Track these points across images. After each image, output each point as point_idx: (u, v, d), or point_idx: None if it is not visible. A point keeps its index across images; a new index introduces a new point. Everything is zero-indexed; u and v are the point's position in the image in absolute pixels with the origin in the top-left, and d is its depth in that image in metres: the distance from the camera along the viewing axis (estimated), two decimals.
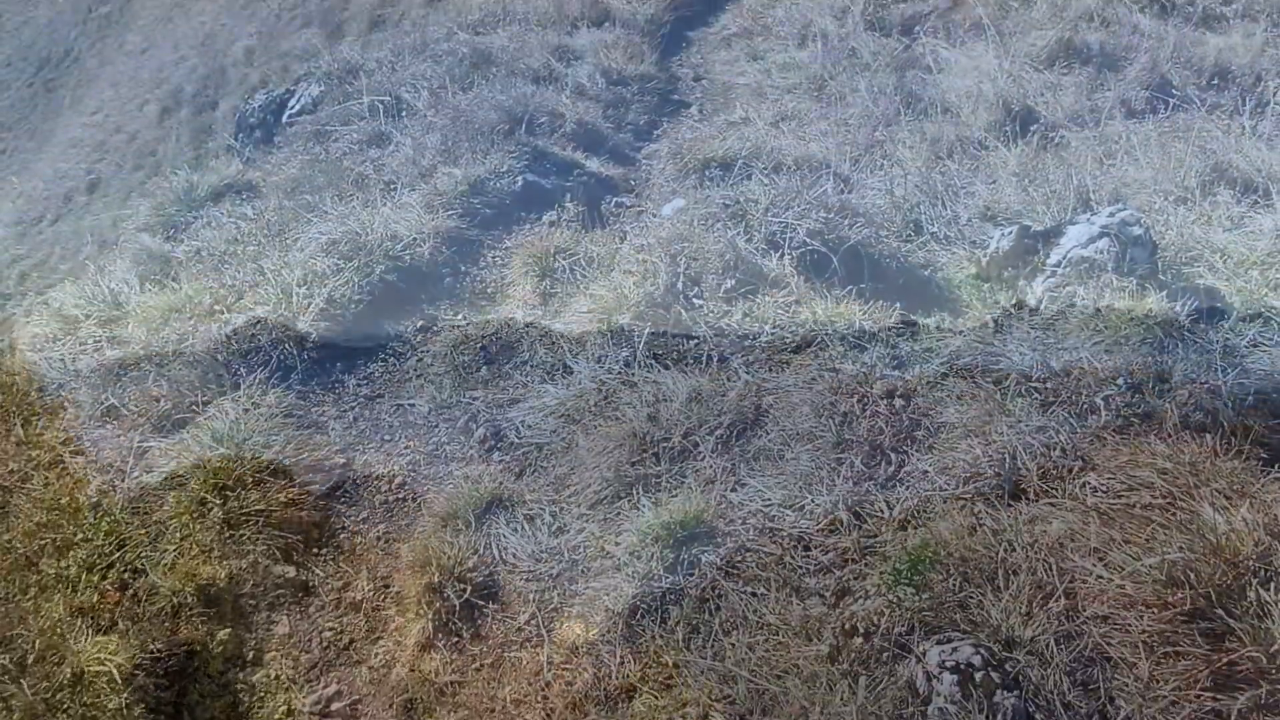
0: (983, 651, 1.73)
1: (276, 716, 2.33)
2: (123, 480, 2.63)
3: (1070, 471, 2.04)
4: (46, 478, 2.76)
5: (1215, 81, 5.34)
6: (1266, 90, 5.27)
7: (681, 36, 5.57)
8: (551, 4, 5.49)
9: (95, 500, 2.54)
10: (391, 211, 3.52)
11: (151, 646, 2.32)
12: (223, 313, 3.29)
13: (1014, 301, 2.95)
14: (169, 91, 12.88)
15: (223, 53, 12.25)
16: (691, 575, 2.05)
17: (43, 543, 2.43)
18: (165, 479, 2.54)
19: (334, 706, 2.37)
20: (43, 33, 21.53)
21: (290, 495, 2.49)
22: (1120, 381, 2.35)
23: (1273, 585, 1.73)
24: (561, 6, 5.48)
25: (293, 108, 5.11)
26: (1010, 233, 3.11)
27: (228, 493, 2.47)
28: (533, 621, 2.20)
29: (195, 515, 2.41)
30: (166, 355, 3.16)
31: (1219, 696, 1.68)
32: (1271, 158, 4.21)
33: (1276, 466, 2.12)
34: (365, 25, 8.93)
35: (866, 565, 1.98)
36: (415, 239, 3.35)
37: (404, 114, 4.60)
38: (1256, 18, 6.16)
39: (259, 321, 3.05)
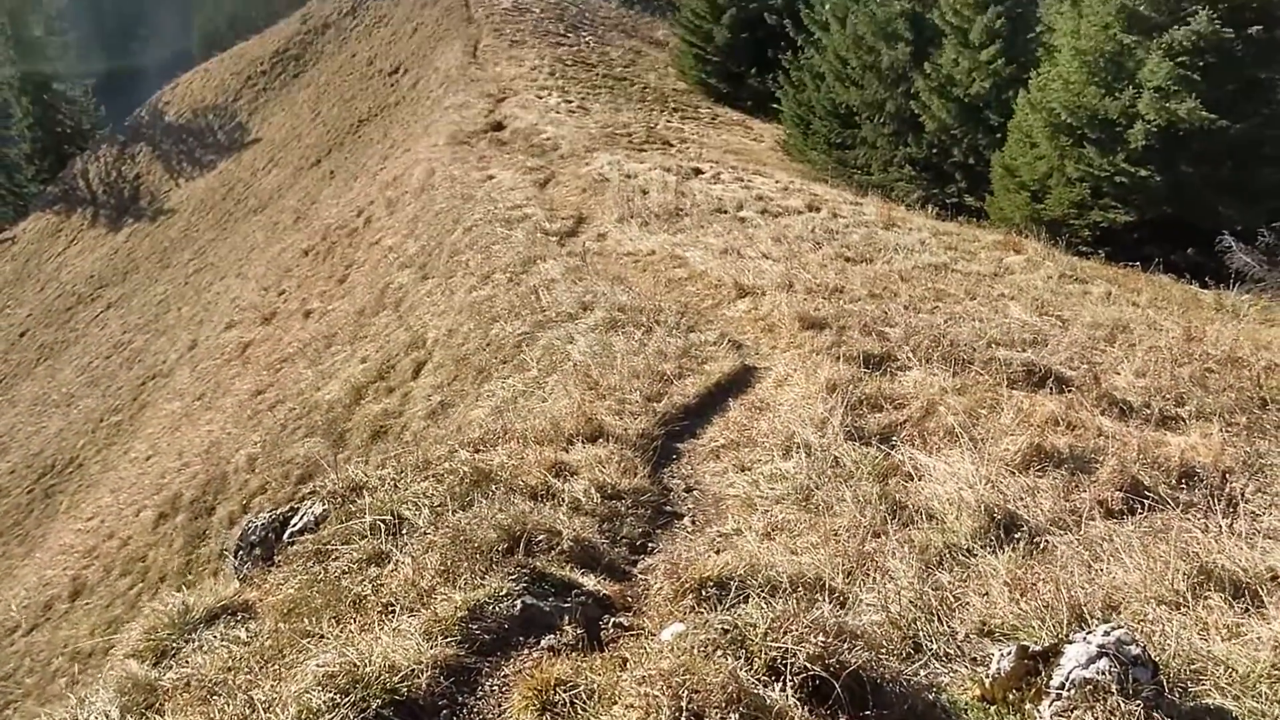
0: None
1: None
2: None
3: None
4: None
5: (1183, 481, 5.58)
6: (1234, 488, 5.49)
7: (672, 449, 5.86)
8: (548, 423, 5.83)
9: None
10: (389, 639, 3.50)
11: None
12: None
13: None
14: (168, 498, 13.21)
15: (226, 460, 12.72)
16: None
17: None
18: None
19: None
20: (51, 441, 22.45)
21: None
22: None
23: None
24: (558, 424, 5.81)
25: (295, 525, 5.23)
26: (1009, 652, 3.11)
27: None
28: None
29: None
30: None
31: None
32: (1254, 557, 4.29)
33: None
34: (367, 436, 9.38)
35: None
36: (413, 669, 3.30)
37: (405, 532, 4.69)
38: (1210, 419, 6.55)
39: None
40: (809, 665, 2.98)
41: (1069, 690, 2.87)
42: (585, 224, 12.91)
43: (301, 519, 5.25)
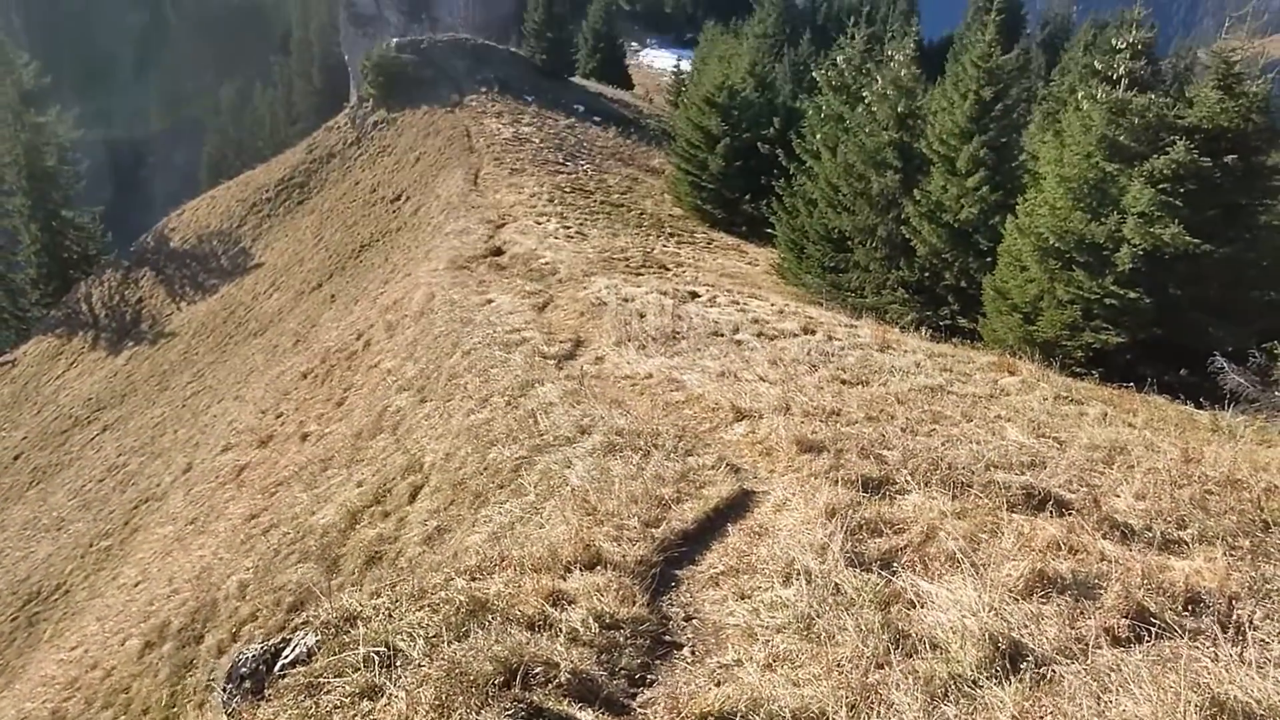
0: None
1: None
2: None
3: None
4: None
5: (1189, 607, 5.48)
6: (1241, 614, 5.40)
7: (671, 576, 5.79)
8: (545, 549, 5.77)
9: None
10: None
11: None
12: None
13: None
14: (155, 625, 12.94)
15: (217, 586, 12.50)
16: None
17: None
18: None
19: None
20: (39, 567, 22.12)
21: None
22: None
23: None
24: (555, 551, 5.75)
25: (286, 657, 5.12)
26: None
27: None
28: None
29: None
30: None
31: None
32: (1266, 687, 4.20)
33: None
34: (362, 562, 9.27)
35: None
36: None
37: (399, 664, 4.60)
38: (1213, 542, 6.48)
39: None
40: None
41: None
42: (583, 347, 13.02)
43: (294, 650, 5.14)
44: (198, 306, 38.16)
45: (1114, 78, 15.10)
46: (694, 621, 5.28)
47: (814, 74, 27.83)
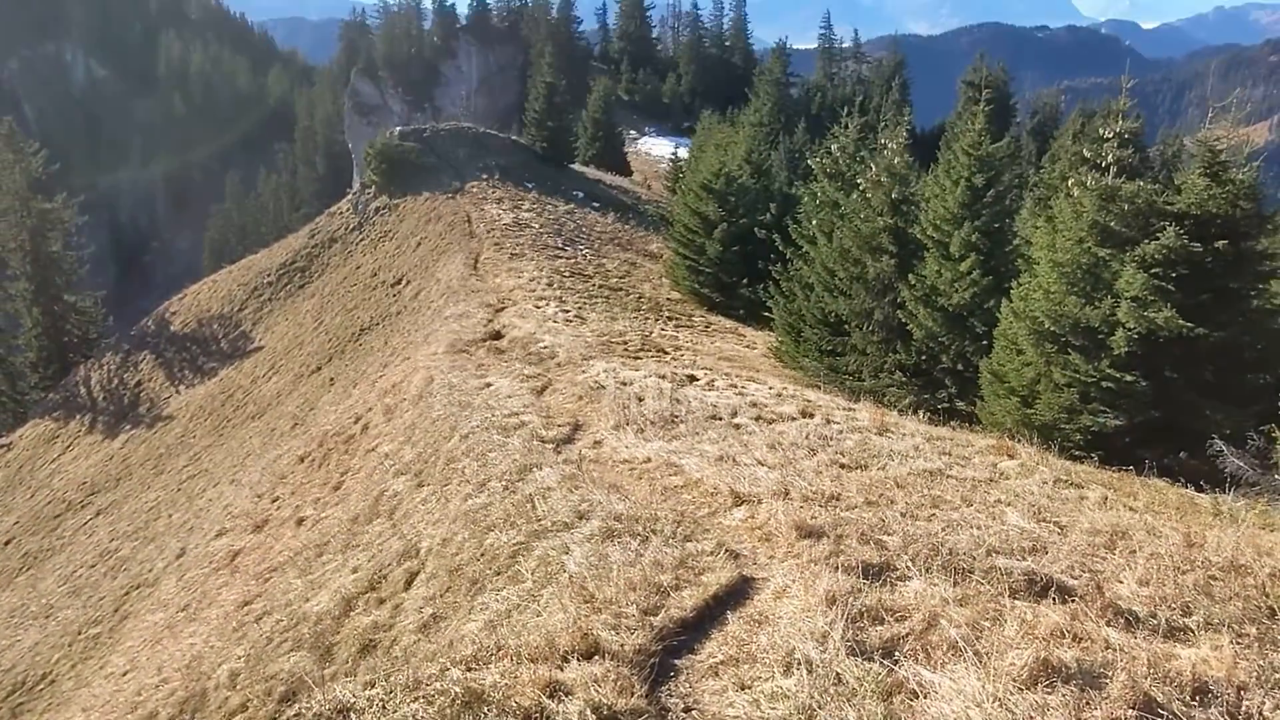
0: None
1: None
2: None
3: None
4: None
5: (1197, 697, 5.39)
6: (1250, 705, 5.31)
7: (670, 666, 5.70)
8: (542, 639, 5.69)
9: None
10: None
11: None
12: None
13: None
14: (142, 717, 12.67)
15: (207, 675, 12.27)
16: None
17: None
18: None
19: None
20: (25, 655, 21.71)
21: None
22: None
23: None
24: (553, 640, 5.67)
25: None
26: None
27: None
28: None
29: None
30: None
31: None
32: None
33: None
34: (356, 650, 9.11)
35: None
36: None
37: None
38: (1218, 629, 6.40)
39: None
40: None
41: None
42: (581, 431, 13.01)
43: None
44: (196, 390, 38.20)
45: (1103, 165, 15.40)
46: (693, 713, 5.19)
47: (809, 161, 28.34)
